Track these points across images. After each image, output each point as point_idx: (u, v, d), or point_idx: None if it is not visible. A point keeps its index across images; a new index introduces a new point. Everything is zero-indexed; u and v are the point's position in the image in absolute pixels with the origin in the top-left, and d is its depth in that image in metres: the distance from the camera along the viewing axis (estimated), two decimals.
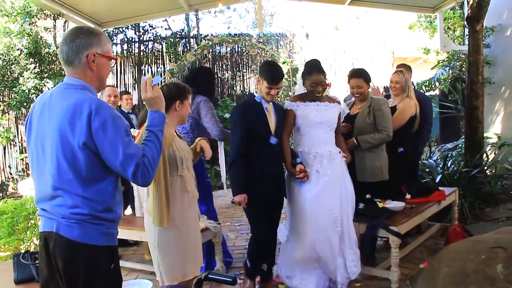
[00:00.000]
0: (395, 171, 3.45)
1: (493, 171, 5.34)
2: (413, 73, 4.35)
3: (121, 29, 8.90)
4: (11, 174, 7.76)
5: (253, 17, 10.52)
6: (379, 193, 3.39)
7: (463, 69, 6.90)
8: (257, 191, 2.86)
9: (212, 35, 8.31)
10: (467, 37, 5.30)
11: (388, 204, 3.35)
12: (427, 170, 5.07)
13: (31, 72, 6.56)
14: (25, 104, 6.46)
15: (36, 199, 1.66)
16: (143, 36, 9.18)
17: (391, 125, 3.40)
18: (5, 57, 6.64)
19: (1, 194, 6.94)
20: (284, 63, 6.68)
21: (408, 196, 3.64)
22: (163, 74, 7.80)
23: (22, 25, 6.64)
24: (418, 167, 4.47)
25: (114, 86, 8.24)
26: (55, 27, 7.39)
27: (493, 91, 6.37)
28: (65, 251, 1.55)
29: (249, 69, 9.43)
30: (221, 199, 6.38)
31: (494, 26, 6.35)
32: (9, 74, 6.81)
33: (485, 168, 5.22)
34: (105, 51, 1.66)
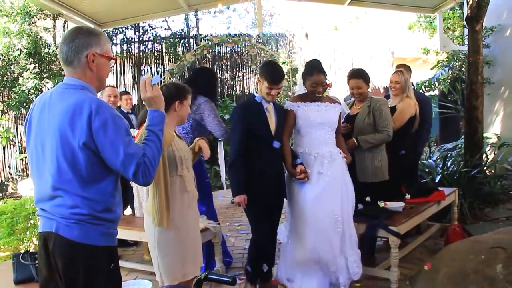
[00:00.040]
0: (394, 171, 3.45)
1: (492, 171, 5.33)
2: (412, 73, 4.36)
3: (120, 29, 8.90)
4: (10, 174, 7.76)
5: (252, 17, 10.55)
6: (379, 193, 3.39)
7: (462, 69, 6.90)
8: (257, 191, 2.85)
9: (211, 35, 8.29)
10: (467, 37, 5.31)
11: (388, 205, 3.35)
12: (427, 170, 5.07)
13: (31, 72, 6.56)
14: (24, 104, 6.45)
15: (36, 199, 1.66)
16: (142, 36, 9.18)
17: (391, 125, 3.39)
18: (5, 57, 6.64)
19: (0, 194, 6.93)
20: (283, 63, 6.68)
21: (408, 196, 3.64)
22: (162, 74, 7.79)
23: (22, 25, 6.63)
24: (418, 167, 4.47)
25: (114, 86, 8.25)
26: (55, 27, 7.38)
27: (492, 91, 6.37)
28: (64, 251, 1.55)
29: (249, 69, 9.43)
30: (221, 199, 6.38)
31: (493, 26, 6.35)
32: (8, 74, 6.80)
33: (485, 168, 5.22)
34: (104, 51, 1.65)
